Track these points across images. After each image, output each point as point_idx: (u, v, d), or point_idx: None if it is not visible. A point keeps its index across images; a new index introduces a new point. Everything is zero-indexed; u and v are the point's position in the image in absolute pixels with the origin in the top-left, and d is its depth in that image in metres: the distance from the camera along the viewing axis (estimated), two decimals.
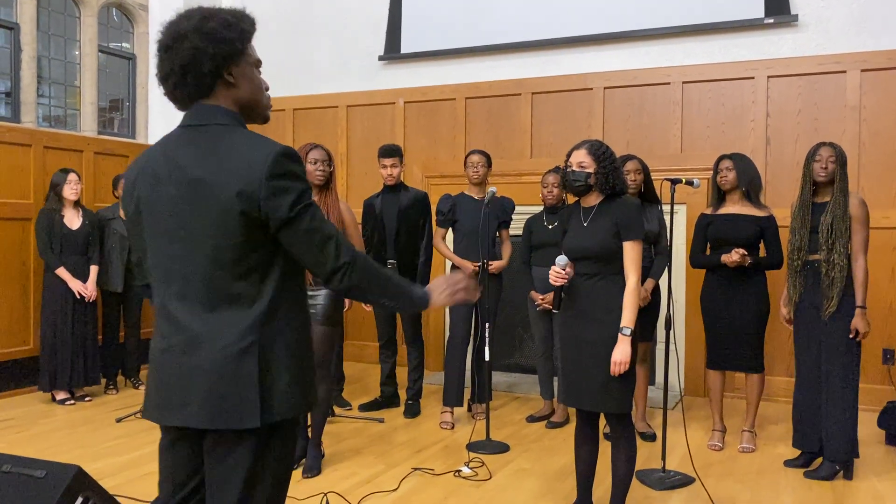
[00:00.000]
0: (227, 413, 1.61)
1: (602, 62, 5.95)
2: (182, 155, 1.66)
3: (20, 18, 5.87)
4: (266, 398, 1.62)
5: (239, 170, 1.60)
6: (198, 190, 1.61)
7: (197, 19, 1.66)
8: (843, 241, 3.71)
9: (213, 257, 1.62)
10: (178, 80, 1.67)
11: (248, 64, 1.74)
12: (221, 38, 1.66)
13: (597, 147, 3.01)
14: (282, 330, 1.66)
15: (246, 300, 1.63)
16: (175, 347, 1.66)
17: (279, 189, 1.60)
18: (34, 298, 5.53)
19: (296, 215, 1.61)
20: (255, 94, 1.77)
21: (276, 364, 1.64)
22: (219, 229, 1.61)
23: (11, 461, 2.80)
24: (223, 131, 1.67)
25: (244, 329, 1.62)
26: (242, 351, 1.61)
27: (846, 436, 3.70)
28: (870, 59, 5.16)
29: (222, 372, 1.61)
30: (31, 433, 4.54)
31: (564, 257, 3.02)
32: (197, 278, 1.64)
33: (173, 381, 1.66)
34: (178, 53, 1.65)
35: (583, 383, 3.00)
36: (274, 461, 1.69)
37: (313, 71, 7.01)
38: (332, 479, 3.72)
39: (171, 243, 1.66)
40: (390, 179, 4.86)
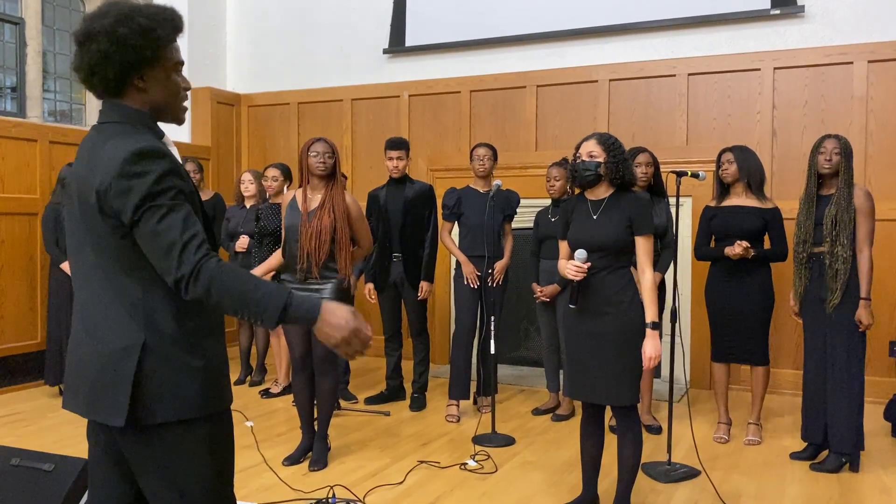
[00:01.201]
0: (101, 408, 1.62)
1: (607, 54, 5.93)
2: (79, 155, 1.68)
3: (25, 13, 5.88)
4: (141, 399, 1.59)
5: (99, 169, 1.57)
6: (77, 190, 1.63)
7: (111, 20, 1.59)
8: (848, 234, 3.70)
9: (96, 256, 1.63)
10: (86, 77, 1.65)
11: (164, 70, 1.67)
12: (131, 45, 1.60)
13: (606, 138, 3.02)
14: (172, 330, 1.62)
15: (134, 297, 1.61)
16: (75, 337, 1.71)
17: (124, 189, 1.54)
18: (41, 293, 5.56)
19: (139, 218, 1.54)
20: (168, 98, 1.70)
21: (163, 365, 1.61)
22: (94, 228, 1.61)
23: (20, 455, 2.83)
24: (112, 130, 1.64)
25: (130, 327, 1.61)
26: (124, 349, 1.60)
27: (851, 427, 3.70)
28: (877, 50, 5.12)
29: (104, 366, 1.62)
30: (39, 427, 4.56)
31: (584, 251, 2.98)
32: (87, 275, 1.66)
33: (71, 371, 1.71)
34: (87, 52, 1.61)
35: (589, 376, 3.01)
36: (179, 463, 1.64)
37: (318, 64, 7.00)
38: (339, 472, 3.74)
39: (72, 240, 1.70)
40: (396, 172, 4.86)
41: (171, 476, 1.65)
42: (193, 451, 1.66)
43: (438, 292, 6.17)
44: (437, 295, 6.18)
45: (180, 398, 1.62)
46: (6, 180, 5.45)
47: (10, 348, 5.42)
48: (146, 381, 1.59)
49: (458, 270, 4.77)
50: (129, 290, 1.61)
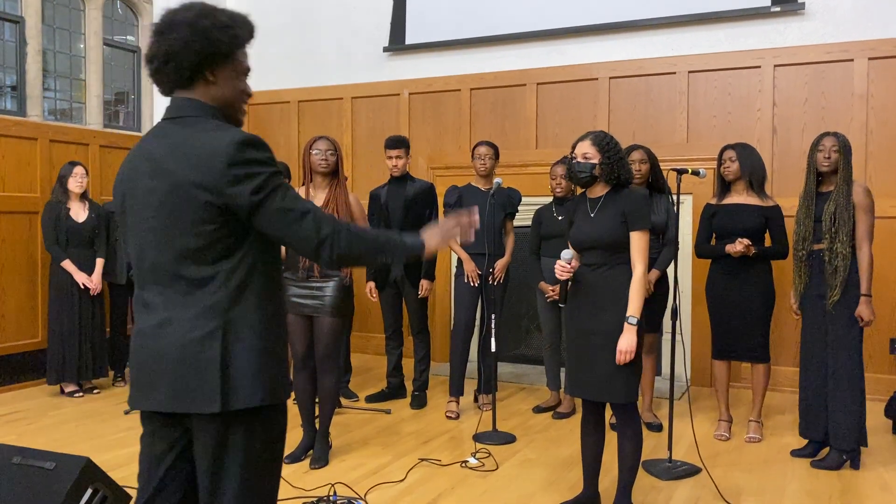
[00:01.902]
0: (189, 397, 1.63)
1: (607, 52, 5.93)
2: (156, 148, 1.70)
3: (25, 12, 5.87)
4: (228, 384, 1.63)
5: (201, 160, 1.62)
6: (166, 181, 1.65)
7: (194, 13, 1.68)
8: (846, 231, 3.70)
9: (182, 245, 1.65)
10: (160, 65, 1.71)
11: (234, 70, 1.75)
12: (211, 38, 1.68)
13: (601, 138, 3.02)
14: (249, 317, 1.67)
15: (213, 286, 1.65)
16: (146, 331, 1.70)
17: (240, 177, 1.61)
18: (42, 291, 5.56)
19: (262, 200, 1.63)
20: (233, 99, 1.78)
21: (241, 351, 1.65)
22: (186, 218, 1.63)
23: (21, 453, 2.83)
24: (196, 123, 1.70)
25: (208, 314, 1.64)
26: (206, 336, 1.63)
27: (852, 424, 3.70)
28: (877, 47, 5.12)
29: (185, 356, 1.63)
30: (41, 425, 4.57)
31: (570, 251, 3.04)
32: (168, 265, 1.67)
33: (144, 366, 1.70)
34: (165, 40, 1.68)
35: (589, 373, 3.01)
36: (252, 449, 1.69)
37: (318, 62, 7.00)
38: (340, 470, 3.74)
39: (147, 233, 1.70)
40: (396, 171, 4.86)
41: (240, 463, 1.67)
42: (263, 440, 1.71)
43: (439, 290, 6.17)
44: (437, 293, 6.18)
45: (258, 384, 1.66)
46: (6, 179, 5.45)
47: (11, 347, 5.42)
48: (232, 367, 1.64)
49: (459, 268, 4.76)
50: (210, 279, 1.65)
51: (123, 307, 5.64)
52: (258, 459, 1.70)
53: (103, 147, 6.16)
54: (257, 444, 1.69)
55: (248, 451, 1.68)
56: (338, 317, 3.79)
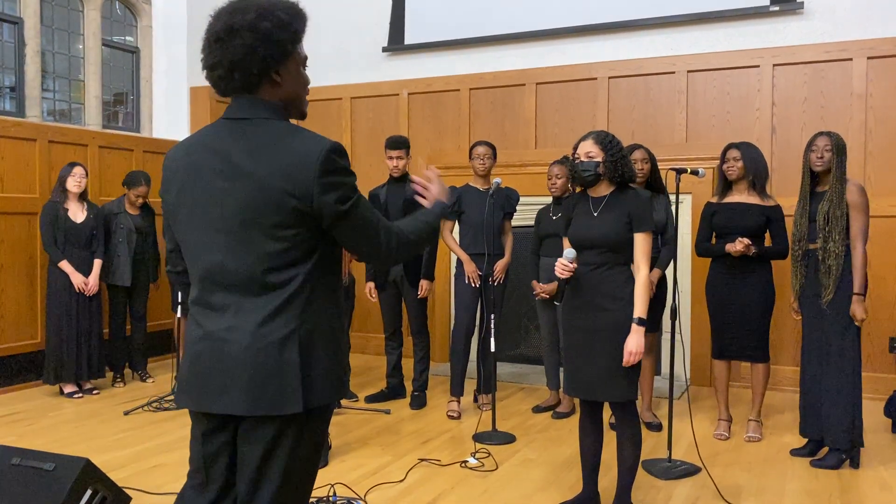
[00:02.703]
0: (269, 399, 1.64)
1: (606, 52, 5.93)
2: (232, 148, 1.67)
3: (24, 13, 5.87)
4: (306, 384, 1.65)
5: (291, 165, 1.62)
6: (249, 183, 1.63)
7: (253, 16, 1.64)
8: (840, 230, 3.70)
9: (260, 248, 1.64)
10: (225, 73, 1.68)
11: (296, 63, 1.74)
12: (275, 39, 1.66)
13: (603, 136, 3.02)
14: (319, 318, 1.70)
15: (287, 289, 1.66)
16: (215, 334, 1.68)
17: (332, 185, 1.63)
18: (41, 292, 5.55)
19: (348, 209, 1.66)
20: (298, 92, 1.77)
21: (314, 351, 1.68)
22: (268, 222, 1.63)
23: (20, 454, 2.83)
24: (270, 126, 1.68)
25: (285, 317, 1.65)
26: (284, 338, 1.64)
27: (847, 423, 3.70)
28: (876, 47, 5.12)
29: (264, 359, 1.64)
30: (40, 426, 4.56)
31: (573, 251, 3.03)
32: (241, 268, 1.66)
33: (213, 368, 1.67)
34: (228, 48, 1.65)
35: (587, 373, 3.01)
36: (310, 445, 1.73)
37: (317, 62, 6.90)
38: (340, 471, 3.74)
39: (217, 234, 1.67)
40: (396, 171, 4.86)
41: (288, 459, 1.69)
42: (318, 435, 1.76)
43: (439, 290, 6.17)
44: (437, 293, 6.18)
45: (328, 383, 1.70)
46: (5, 180, 5.45)
47: (10, 348, 5.42)
48: (308, 368, 1.66)
49: (459, 269, 4.76)
50: (285, 282, 1.65)
51: (123, 308, 5.64)
52: (306, 455, 1.73)
53: (102, 148, 6.15)
54: (308, 440, 1.72)
55: (298, 448, 1.70)
56: None
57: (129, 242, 5.49)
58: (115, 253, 5.48)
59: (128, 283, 5.51)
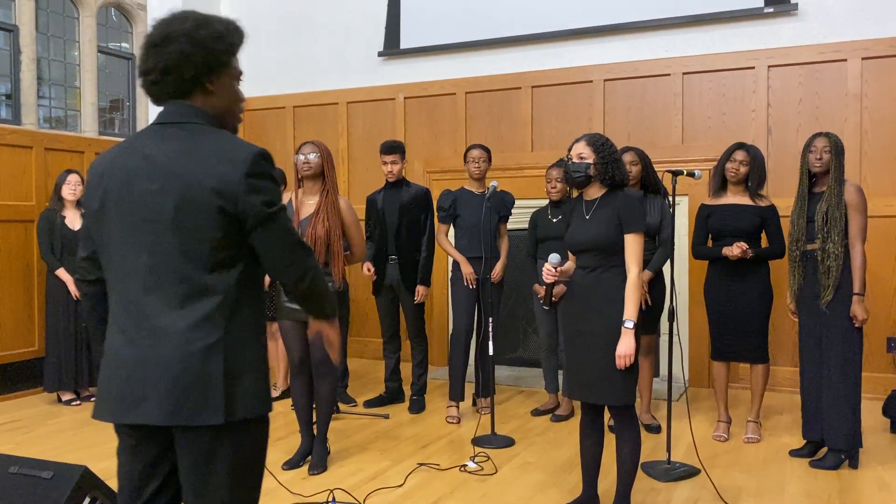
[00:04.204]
0: (189, 409, 1.60)
1: (602, 54, 5.94)
2: (160, 151, 1.66)
3: (19, 20, 5.87)
4: (230, 396, 1.62)
5: (218, 167, 1.62)
6: (176, 185, 1.62)
7: (190, 24, 1.68)
8: (839, 230, 3.71)
9: (186, 251, 1.62)
10: (158, 78, 1.70)
11: (230, 76, 1.77)
12: (210, 48, 1.69)
13: (596, 138, 3.04)
14: (246, 328, 1.68)
15: (213, 295, 1.64)
16: (138, 341, 1.64)
17: (257, 187, 1.63)
18: (38, 300, 5.55)
19: (272, 214, 1.65)
20: (231, 105, 1.79)
21: (240, 362, 1.65)
22: (195, 224, 1.62)
23: (18, 462, 2.82)
24: (201, 130, 1.69)
25: (211, 324, 1.62)
26: (209, 347, 1.61)
27: (847, 424, 3.70)
28: (871, 47, 5.13)
29: (187, 367, 1.60)
30: (38, 434, 4.55)
31: (557, 256, 3.10)
32: (167, 271, 1.63)
33: (133, 377, 1.63)
34: (163, 53, 1.67)
35: (586, 376, 3.01)
36: (242, 458, 1.69)
37: (313, 68, 7.00)
38: (338, 476, 3.73)
39: (144, 237, 1.65)
40: (391, 176, 4.86)
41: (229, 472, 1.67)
42: (252, 449, 1.72)
43: (436, 294, 6.16)
44: (435, 297, 6.18)
45: (254, 395, 1.68)
46: (1, 187, 5.44)
47: (8, 356, 5.41)
48: (230, 378, 1.63)
49: (456, 272, 4.76)
50: (210, 288, 1.64)
51: None
52: (245, 469, 1.70)
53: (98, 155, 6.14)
54: (246, 454, 1.69)
55: (238, 460, 1.67)
56: None
57: None
58: None
59: None
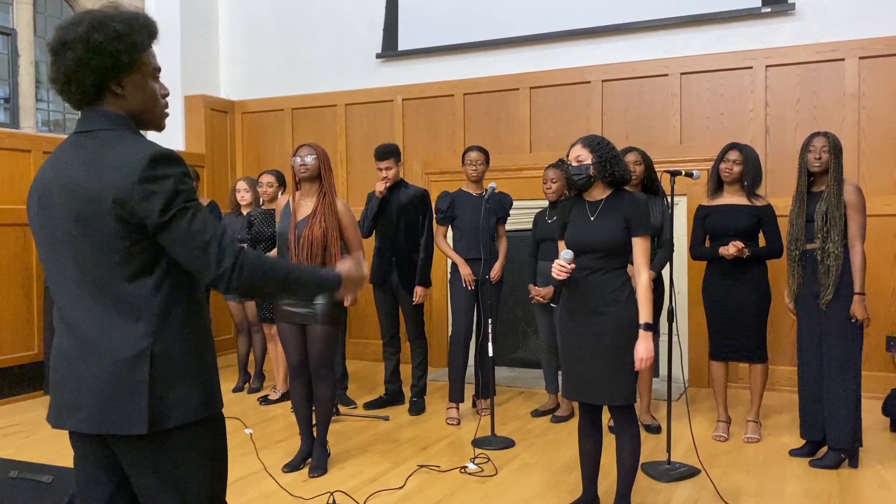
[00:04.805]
0: (114, 419, 1.59)
1: (599, 55, 5.94)
2: (67, 162, 1.63)
3: (17, 24, 5.87)
4: (157, 405, 1.60)
5: (113, 175, 1.56)
6: (79, 196, 1.59)
7: (85, 28, 1.59)
8: (838, 230, 3.71)
9: (102, 262, 1.60)
10: (63, 87, 1.64)
11: (141, 75, 1.67)
12: (107, 51, 1.60)
13: (591, 139, 3.04)
14: (176, 335, 1.64)
15: (137, 305, 1.61)
16: (68, 351, 1.64)
17: (150, 192, 1.56)
18: (37, 304, 5.54)
19: (169, 219, 1.57)
20: (146, 104, 1.70)
21: (170, 370, 1.62)
22: (100, 234, 1.58)
23: (18, 467, 2.82)
24: (108, 136, 1.63)
25: (136, 335, 1.60)
26: (134, 357, 1.59)
27: (848, 423, 3.70)
28: (868, 46, 5.14)
29: (113, 378, 1.59)
30: (37, 438, 4.55)
31: (570, 252, 3.01)
32: (90, 282, 1.61)
33: (67, 385, 1.64)
34: (62, 61, 1.61)
35: (586, 377, 3.01)
36: (188, 465, 1.66)
37: (311, 70, 7.00)
38: (339, 478, 3.73)
39: (62, 249, 1.63)
40: (387, 182, 4.83)
41: (175, 480, 1.65)
42: (197, 454, 1.68)
43: (436, 296, 6.16)
44: (434, 298, 6.18)
45: (188, 401, 1.64)
46: (0, 191, 5.44)
47: (8, 359, 5.40)
48: (158, 387, 1.60)
49: (454, 273, 4.76)
50: (133, 297, 1.60)
51: None
52: (196, 472, 1.68)
53: None
54: (193, 457, 1.67)
55: (185, 466, 1.66)
56: (329, 324, 3.77)
57: None
58: None
59: None
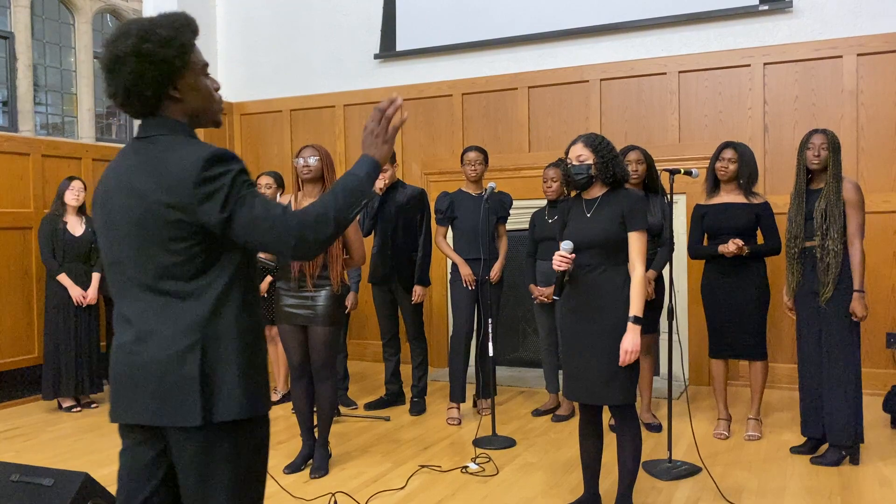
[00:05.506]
0: (170, 411, 1.64)
1: (598, 54, 5.95)
2: (128, 167, 1.70)
3: (14, 27, 5.87)
4: (208, 398, 1.64)
5: (172, 179, 1.62)
6: (138, 201, 1.65)
7: (134, 40, 1.63)
8: (838, 227, 3.71)
9: (159, 262, 1.65)
10: (124, 100, 1.70)
11: (194, 74, 1.72)
12: (160, 58, 1.64)
13: (593, 139, 3.03)
14: (228, 331, 1.68)
15: (191, 301, 1.66)
16: (125, 346, 1.70)
17: (208, 193, 1.61)
18: (37, 307, 5.55)
19: (231, 214, 1.62)
20: (203, 102, 1.76)
21: (220, 365, 1.66)
22: (160, 236, 1.64)
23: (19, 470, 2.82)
24: (165, 141, 1.69)
25: (187, 328, 1.64)
26: (185, 350, 1.64)
27: (848, 420, 3.70)
28: (866, 43, 5.14)
29: (166, 370, 1.64)
30: (38, 441, 4.55)
31: (570, 243, 3.00)
32: (146, 281, 1.67)
33: (124, 379, 1.70)
34: (119, 77, 1.66)
35: (586, 376, 3.01)
36: (236, 461, 1.69)
37: (310, 71, 7.00)
38: (340, 479, 3.73)
39: (124, 248, 1.69)
40: (382, 184, 4.83)
41: (222, 476, 1.68)
42: (246, 451, 1.71)
43: (435, 296, 6.16)
44: (434, 299, 6.18)
45: (239, 398, 1.67)
46: None
47: (8, 363, 5.40)
48: (209, 381, 1.64)
49: (454, 273, 4.76)
50: (191, 294, 1.66)
51: None
52: (242, 471, 1.71)
53: (96, 160, 6.15)
54: (241, 455, 1.70)
55: (232, 463, 1.69)
56: (331, 325, 3.78)
57: None
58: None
59: None
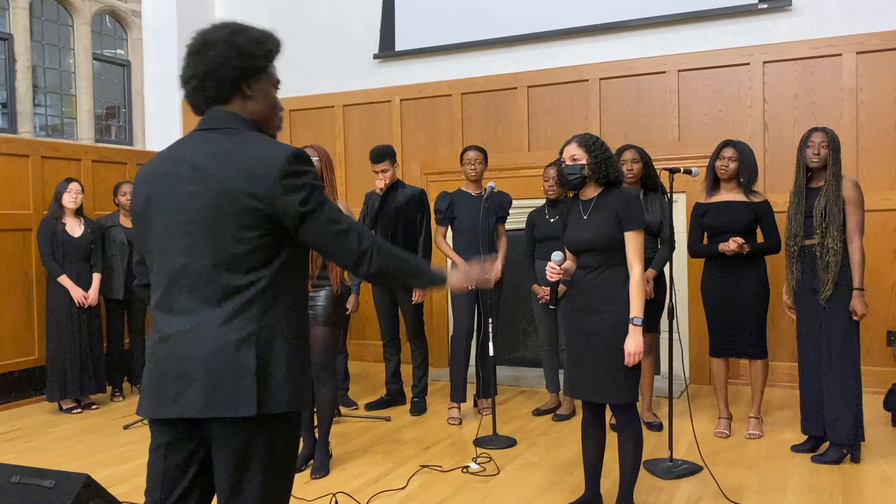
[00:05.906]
0: (222, 401, 1.63)
1: (597, 53, 5.95)
2: (198, 155, 1.72)
3: (13, 28, 5.87)
4: (263, 388, 1.65)
5: (254, 169, 1.66)
6: (213, 188, 1.67)
7: (228, 31, 1.75)
8: (837, 225, 3.71)
9: (223, 250, 1.67)
10: (198, 84, 1.75)
11: (268, 83, 1.82)
12: (247, 53, 1.75)
13: (587, 139, 3.03)
14: (281, 324, 1.71)
15: (248, 292, 1.67)
16: (175, 337, 1.68)
17: (293, 187, 1.66)
18: (38, 308, 5.54)
19: (311, 210, 1.68)
20: (269, 111, 1.84)
21: (273, 356, 1.68)
22: (231, 225, 1.66)
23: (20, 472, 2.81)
24: (238, 133, 1.74)
25: (244, 319, 1.66)
26: (241, 340, 1.65)
27: (849, 418, 3.70)
28: (865, 42, 5.14)
29: (220, 360, 1.64)
30: (39, 443, 4.55)
31: (560, 254, 3.08)
32: (204, 270, 1.68)
33: (170, 372, 1.68)
34: (203, 59, 1.73)
35: (587, 375, 3.01)
36: (276, 453, 1.71)
37: (309, 71, 7.00)
38: (341, 479, 3.73)
39: (181, 238, 1.70)
40: (383, 184, 4.82)
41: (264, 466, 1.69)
42: (285, 444, 1.74)
43: (436, 296, 6.16)
44: (434, 298, 6.18)
45: (293, 390, 1.70)
46: None
47: (8, 365, 5.40)
48: (262, 372, 1.66)
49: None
50: (247, 286, 1.67)
51: (120, 322, 5.62)
52: (280, 463, 1.73)
53: (95, 162, 6.15)
54: (280, 448, 1.72)
55: (272, 455, 1.70)
56: (330, 326, 3.78)
57: (121, 256, 5.48)
58: (109, 266, 5.46)
59: (121, 297, 5.49)
